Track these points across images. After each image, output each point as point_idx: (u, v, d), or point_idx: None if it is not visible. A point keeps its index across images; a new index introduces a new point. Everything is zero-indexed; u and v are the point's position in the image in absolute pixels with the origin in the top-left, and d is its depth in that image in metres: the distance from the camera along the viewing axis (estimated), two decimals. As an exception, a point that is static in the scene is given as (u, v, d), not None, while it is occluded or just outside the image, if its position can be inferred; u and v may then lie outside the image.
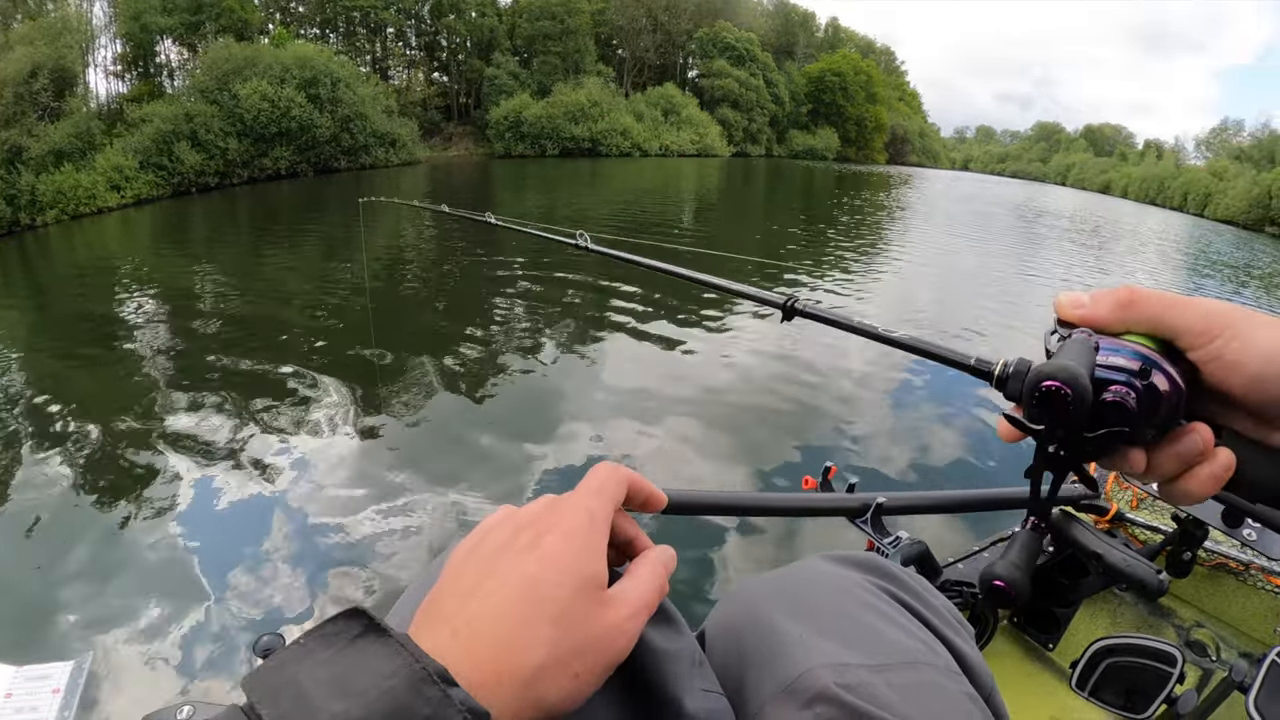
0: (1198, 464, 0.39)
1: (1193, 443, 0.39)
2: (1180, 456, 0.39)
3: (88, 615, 2.89)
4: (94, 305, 8.21)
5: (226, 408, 4.86)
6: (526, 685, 0.34)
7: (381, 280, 8.86)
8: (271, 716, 0.28)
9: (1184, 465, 0.39)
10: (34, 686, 0.81)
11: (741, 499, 1.14)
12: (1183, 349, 0.39)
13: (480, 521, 0.43)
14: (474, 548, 0.40)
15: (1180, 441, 0.39)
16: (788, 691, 0.49)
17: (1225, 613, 1.73)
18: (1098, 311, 0.41)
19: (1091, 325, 0.41)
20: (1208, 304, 0.39)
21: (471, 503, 3.78)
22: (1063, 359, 0.38)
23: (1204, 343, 0.38)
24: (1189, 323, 0.38)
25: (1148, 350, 0.38)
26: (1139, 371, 0.37)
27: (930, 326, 7.86)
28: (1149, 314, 0.40)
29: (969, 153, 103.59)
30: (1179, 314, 0.39)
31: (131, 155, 19.09)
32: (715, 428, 4.77)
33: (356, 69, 31.16)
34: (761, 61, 53.43)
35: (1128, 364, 0.38)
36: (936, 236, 18.01)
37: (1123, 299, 0.40)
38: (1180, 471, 0.40)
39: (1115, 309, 0.41)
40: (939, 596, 0.63)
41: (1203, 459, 0.39)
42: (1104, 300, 0.41)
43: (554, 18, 41.04)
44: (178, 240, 14.32)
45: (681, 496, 0.89)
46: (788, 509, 1.27)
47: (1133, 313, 0.40)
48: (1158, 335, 0.39)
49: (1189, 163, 60.67)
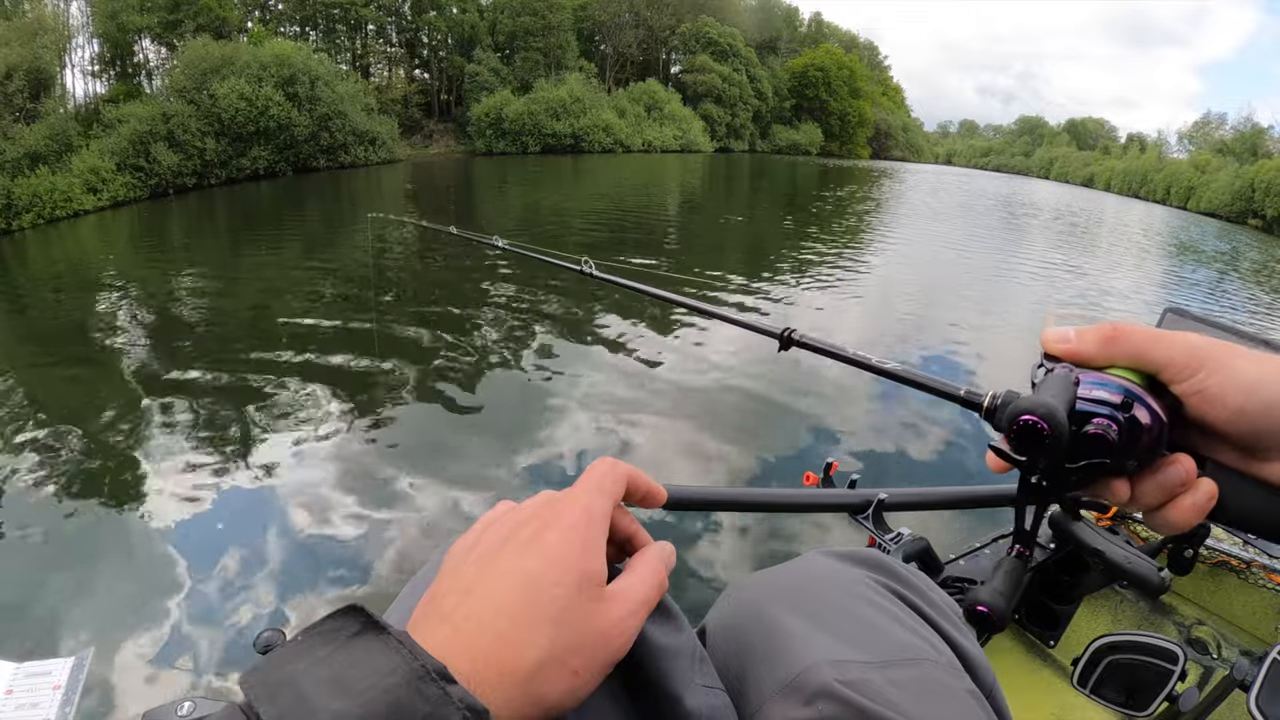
0: (1180, 494, 0.40)
1: (1175, 473, 0.40)
2: (1163, 486, 0.40)
3: (85, 614, 2.97)
4: (73, 310, 8.34)
5: (216, 410, 4.93)
6: (526, 682, 0.34)
7: (370, 287, 9.00)
8: (270, 715, 0.28)
9: (1167, 495, 0.40)
10: (34, 683, 0.80)
11: (742, 495, 1.11)
12: (1165, 382, 0.40)
13: (479, 517, 0.44)
14: (473, 544, 0.41)
15: (1163, 472, 0.40)
16: (789, 688, 0.50)
17: (1226, 610, 1.74)
18: (1082, 346, 0.42)
19: (1076, 360, 0.42)
20: (1190, 338, 0.39)
21: (468, 499, 3.84)
22: (1042, 394, 0.38)
23: (1186, 376, 0.39)
24: (1171, 357, 0.39)
25: (1130, 384, 0.39)
26: (1121, 404, 0.38)
27: (917, 319, 8.15)
28: (1132, 349, 0.40)
29: (952, 147, 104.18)
30: (1162, 348, 0.39)
31: (108, 157, 19.08)
32: (714, 423, 4.84)
33: (335, 66, 31.10)
34: (745, 57, 53.58)
35: (1110, 397, 0.39)
36: (924, 227, 18.49)
37: (1106, 334, 0.41)
38: (1163, 501, 0.40)
39: (1099, 344, 0.41)
40: (940, 593, 0.64)
41: (1185, 489, 0.40)
42: (1088, 336, 0.42)
43: (535, 13, 40.95)
44: (156, 243, 14.46)
45: (682, 492, 0.88)
46: (789, 505, 1.25)
47: (1116, 347, 0.41)
48: (1141, 369, 0.40)
49: (1172, 156, 61.41)
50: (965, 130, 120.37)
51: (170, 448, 4.41)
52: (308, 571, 3.27)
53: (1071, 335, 0.42)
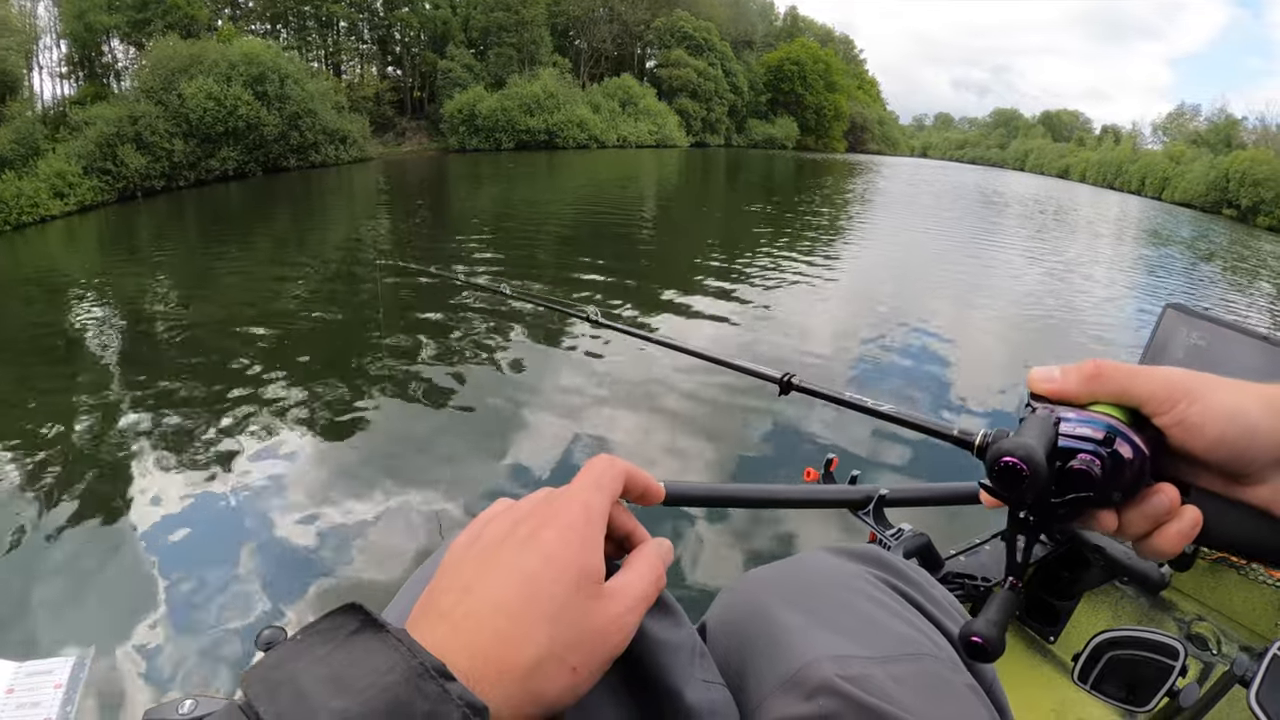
0: (1166, 521, 0.41)
1: (1159, 502, 0.41)
2: (1148, 516, 0.41)
3: (80, 616, 3.06)
4: (43, 317, 8.39)
5: (195, 415, 4.97)
6: (525, 679, 0.34)
7: (352, 293, 9.01)
8: (270, 714, 0.28)
9: (1153, 524, 0.41)
10: (36, 682, 0.81)
11: (742, 491, 1.13)
12: (1148, 415, 0.41)
13: (478, 515, 0.44)
14: (471, 542, 0.41)
15: (1148, 502, 0.41)
16: (790, 683, 0.50)
17: (1227, 606, 1.74)
18: (1067, 385, 0.42)
19: (1061, 397, 0.43)
20: (1169, 372, 0.41)
21: (464, 499, 3.89)
22: (1022, 436, 0.39)
23: (1167, 409, 0.40)
24: (1152, 391, 0.40)
25: (1112, 419, 0.40)
26: (1103, 440, 0.39)
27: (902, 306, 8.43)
28: (1114, 385, 0.41)
29: (928, 140, 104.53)
30: (1142, 383, 0.41)
31: (74, 160, 19.10)
32: (711, 422, 4.91)
33: (305, 64, 31.12)
34: (720, 51, 53.83)
35: (1093, 434, 0.40)
36: (900, 220, 18.96)
37: (1088, 372, 0.42)
38: (1149, 530, 0.41)
39: (1082, 381, 0.42)
40: (940, 588, 0.65)
41: (1170, 517, 0.41)
42: (1071, 374, 0.43)
43: (509, 9, 40.93)
44: (125, 248, 14.59)
45: (681, 489, 0.89)
46: (789, 500, 1.24)
47: (1098, 384, 0.41)
48: (1124, 404, 0.41)
49: (1146, 147, 61.98)
50: (940, 123, 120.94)
51: (151, 453, 4.45)
52: (300, 570, 3.35)
53: (1056, 374, 0.43)
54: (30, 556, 3.55)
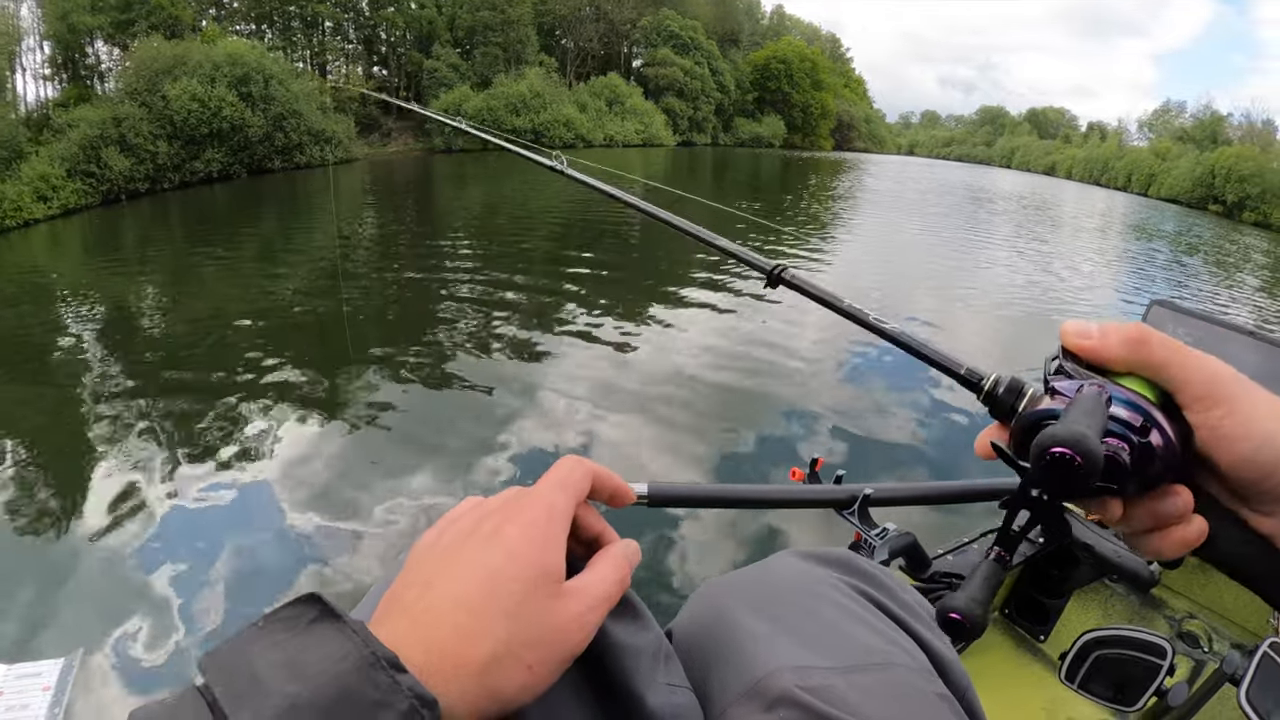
0: (1172, 525, 0.39)
1: (1172, 505, 0.38)
2: (1157, 515, 0.39)
3: (67, 619, 3.05)
4: (29, 323, 8.29)
5: (182, 417, 4.98)
6: (480, 675, 0.34)
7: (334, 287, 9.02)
8: (225, 695, 0.29)
9: (1158, 524, 0.39)
10: (24, 684, 0.81)
11: (726, 491, 1.13)
12: (1180, 404, 0.37)
13: (446, 512, 0.44)
14: (437, 538, 0.41)
15: (1161, 501, 0.38)
16: (751, 693, 0.49)
17: (1218, 604, 1.73)
18: (1107, 347, 0.39)
19: (1097, 359, 0.39)
20: (1217, 367, 0.37)
21: (439, 498, 3.92)
22: (1075, 421, 0.33)
23: (1205, 407, 0.36)
24: (1190, 379, 0.37)
25: (1149, 405, 0.37)
26: (1139, 428, 0.36)
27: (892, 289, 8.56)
28: (1157, 359, 0.37)
29: (914, 138, 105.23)
30: (1187, 369, 0.37)
31: (58, 163, 18.90)
32: (692, 417, 4.92)
33: (290, 65, 30.91)
34: (706, 49, 53.94)
35: (1130, 418, 0.36)
36: (886, 216, 19.20)
37: (1134, 336, 0.38)
38: (1153, 528, 0.39)
39: (1125, 346, 0.38)
40: (913, 593, 0.63)
41: (1177, 522, 0.39)
42: (1114, 335, 0.38)
43: (495, 8, 40.81)
44: (110, 251, 14.49)
45: (665, 489, 0.87)
46: (773, 501, 1.25)
47: (1141, 354, 0.38)
48: (1159, 383, 0.38)
49: (1132, 144, 62.88)
50: (927, 121, 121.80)
51: (136, 454, 4.47)
52: (287, 569, 3.38)
53: (1094, 332, 0.39)
54: (14, 559, 3.53)
